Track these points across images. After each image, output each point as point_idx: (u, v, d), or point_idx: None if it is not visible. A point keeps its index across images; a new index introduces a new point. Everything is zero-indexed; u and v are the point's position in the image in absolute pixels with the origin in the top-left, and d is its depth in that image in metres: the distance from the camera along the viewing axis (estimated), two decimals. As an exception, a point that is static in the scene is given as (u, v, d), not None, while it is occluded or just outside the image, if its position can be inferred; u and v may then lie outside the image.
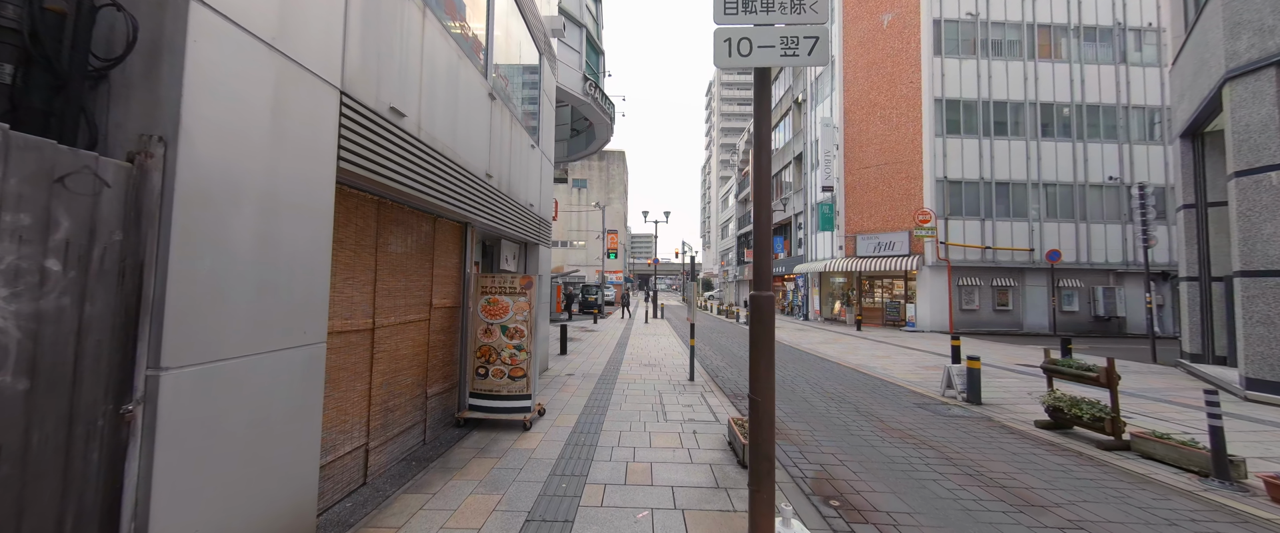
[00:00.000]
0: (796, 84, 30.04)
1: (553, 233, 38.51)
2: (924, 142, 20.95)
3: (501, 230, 6.48)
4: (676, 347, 13.38)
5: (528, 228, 7.52)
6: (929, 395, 7.80)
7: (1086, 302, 21.26)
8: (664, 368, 9.71)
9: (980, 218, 20.96)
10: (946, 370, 7.82)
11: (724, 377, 9.16)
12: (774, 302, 3.07)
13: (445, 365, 5.27)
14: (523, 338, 5.49)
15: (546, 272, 8.99)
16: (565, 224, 47.02)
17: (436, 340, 5.04)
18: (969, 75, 21.35)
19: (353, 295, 3.60)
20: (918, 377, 9.51)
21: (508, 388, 5.42)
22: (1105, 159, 21.55)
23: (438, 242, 5.06)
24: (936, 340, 16.63)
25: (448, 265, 5.32)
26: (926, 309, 20.48)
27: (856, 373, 9.88)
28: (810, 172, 27.20)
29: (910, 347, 14.62)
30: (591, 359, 10.72)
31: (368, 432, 3.80)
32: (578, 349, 12.35)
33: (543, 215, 8.62)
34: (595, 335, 16.01)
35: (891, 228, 21.95)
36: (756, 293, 2.95)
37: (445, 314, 5.25)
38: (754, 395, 2.88)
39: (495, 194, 5.87)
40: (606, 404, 6.57)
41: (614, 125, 17.85)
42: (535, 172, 8.01)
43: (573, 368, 9.42)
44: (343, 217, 3.45)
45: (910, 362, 11.58)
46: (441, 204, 4.44)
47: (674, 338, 15.73)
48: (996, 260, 20.85)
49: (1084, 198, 21.37)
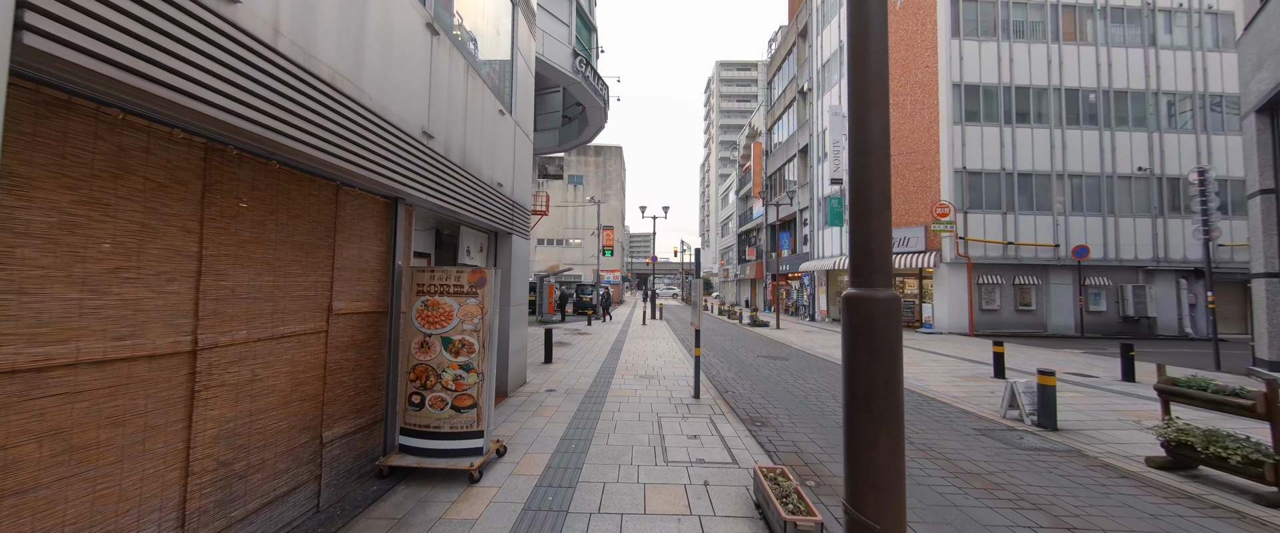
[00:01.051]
0: (801, 73, 28.63)
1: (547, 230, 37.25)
2: (941, 130, 19.54)
3: (457, 213, 5.02)
4: (677, 353, 11.94)
5: (497, 213, 6.07)
6: (987, 418, 6.37)
7: (1114, 301, 19.88)
8: (663, 381, 8.27)
9: (1001, 211, 19.56)
10: (1010, 388, 6.39)
11: (734, 392, 7.72)
12: (899, 307, 1.63)
13: (358, 395, 3.81)
14: (472, 354, 4.03)
15: (523, 268, 7.54)
16: (561, 221, 45.63)
17: (341, 361, 3.58)
18: (989, 59, 19.94)
19: (136, 296, 2.14)
20: (961, 390, 8.08)
21: (451, 422, 3.96)
22: (1134, 149, 20.16)
23: (344, 221, 3.60)
24: (960, 344, 15.22)
25: (364, 256, 3.87)
26: (944, 309, 19.07)
27: (888, 386, 8.44)
28: (816, 165, 25.81)
29: (936, 351, 13.20)
30: (580, 369, 9.27)
31: (182, 517, 2.34)
32: (566, 357, 10.90)
33: (519, 200, 7.17)
34: (587, 339, 14.56)
35: (905, 222, 20.54)
36: (861, 292, 1.52)
37: (359, 324, 3.80)
38: (872, 521, 1.44)
39: (440, 163, 4.41)
40: (589, 436, 5.12)
41: (609, 110, 16.41)
42: (506, 144, 6.56)
43: (556, 381, 7.98)
44: (71, 147, 1.99)
45: (943, 370, 10.16)
46: (341, 164, 2.99)
47: (673, 342, 14.29)
48: (1019, 257, 19.44)
49: (1112, 190, 19.98)
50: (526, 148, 7.71)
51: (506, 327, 6.74)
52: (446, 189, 4.57)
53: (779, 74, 33.69)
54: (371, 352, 3.96)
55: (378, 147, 3.44)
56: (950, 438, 5.48)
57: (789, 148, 30.47)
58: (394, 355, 4.11)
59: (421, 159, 4.09)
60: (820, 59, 25.82)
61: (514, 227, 6.91)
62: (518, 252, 7.21)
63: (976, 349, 13.79)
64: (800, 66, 28.97)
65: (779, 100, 33.26)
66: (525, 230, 7.56)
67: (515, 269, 7.14)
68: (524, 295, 7.55)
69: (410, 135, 3.92)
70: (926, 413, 6.56)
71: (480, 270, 4.12)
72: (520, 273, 7.39)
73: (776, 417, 6.17)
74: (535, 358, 10.41)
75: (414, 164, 3.98)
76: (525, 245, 7.60)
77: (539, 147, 19.36)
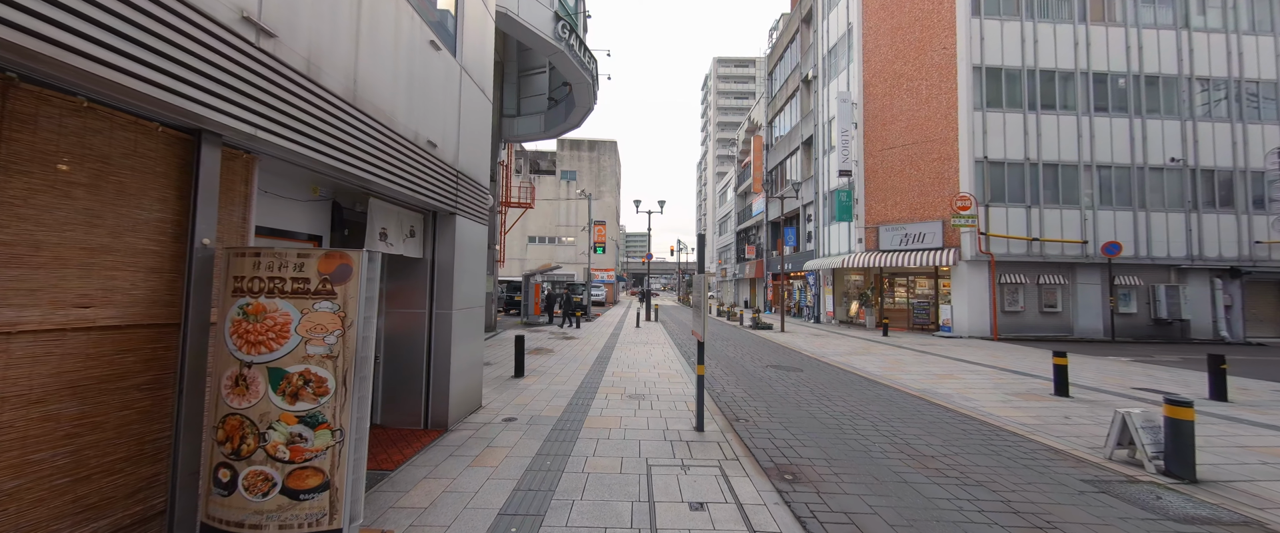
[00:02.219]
0: (805, 61, 27.06)
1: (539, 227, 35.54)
2: (960, 116, 17.98)
3: (347, 174, 3.35)
4: (674, 363, 10.29)
5: (428, 183, 4.40)
6: (1090, 460, 4.76)
7: (1145, 302, 18.40)
8: (657, 403, 6.62)
9: (1025, 205, 18.03)
10: (1121, 419, 4.76)
11: (748, 419, 6.08)
12: None
13: (111, 474, 2.13)
14: (322, 397, 2.36)
15: (478, 260, 5.87)
16: (552, 218, 43.95)
17: (66, 417, 1.90)
18: (1012, 40, 18.41)
19: None
20: (1027, 415, 6.47)
21: (282, 518, 2.29)
22: (1166, 138, 18.69)
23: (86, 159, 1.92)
24: (989, 350, 13.65)
25: (129, 224, 2.19)
26: (964, 311, 17.51)
27: (933, 407, 6.82)
28: (822, 157, 24.25)
29: (965, 359, 11.62)
30: (555, 385, 7.60)
31: None
32: (543, 367, 9.22)
33: (468, 172, 5.49)
34: (572, 346, 12.88)
35: (921, 217, 18.99)
36: None
37: (110, 347, 2.12)
38: None
39: (293, 82, 2.74)
40: (544, 506, 3.46)
41: (598, 88, 14.75)
42: (444, 93, 4.88)
43: (523, 403, 6.31)
44: None
45: (988, 384, 8.55)
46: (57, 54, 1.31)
47: (670, 349, 12.64)
48: (1044, 254, 17.92)
49: (1143, 182, 18.50)
50: (482, 108, 6.03)
51: (447, 340, 5.07)
52: (314, 130, 2.89)
53: (781, 64, 32.12)
54: (140, 395, 2.27)
55: (145, 32, 1.78)
56: (1058, 496, 3.86)
57: (791, 141, 28.91)
58: (191, 399, 2.42)
59: (250, 69, 2.42)
60: (826, 44, 24.24)
61: (459, 205, 5.24)
62: (467, 239, 5.54)
63: (1010, 356, 12.21)
64: (804, 54, 27.40)
65: (780, 91, 31.69)
66: (479, 212, 5.89)
67: (465, 261, 5.47)
68: (478, 295, 5.88)
69: (219, 21, 2.26)
70: (1004, 453, 4.94)
71: (341, 255, 2.44)
72: (473, 267, 5.72)
73: (811, 463, 4.53)
74: (504, 371, 8.73)
75: (235, 74, 2.32)
76: (479, 233, 5.93)
77: (524, 132, 17.70)
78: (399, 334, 5.08)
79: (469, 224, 5.58)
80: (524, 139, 18.15)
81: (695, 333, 5.34)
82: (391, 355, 5.08)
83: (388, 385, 5.06)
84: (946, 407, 6.88)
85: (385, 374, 5.06)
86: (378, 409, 5.06)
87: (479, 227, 5.91)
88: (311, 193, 3.76)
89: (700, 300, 5.13)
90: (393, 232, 4.46)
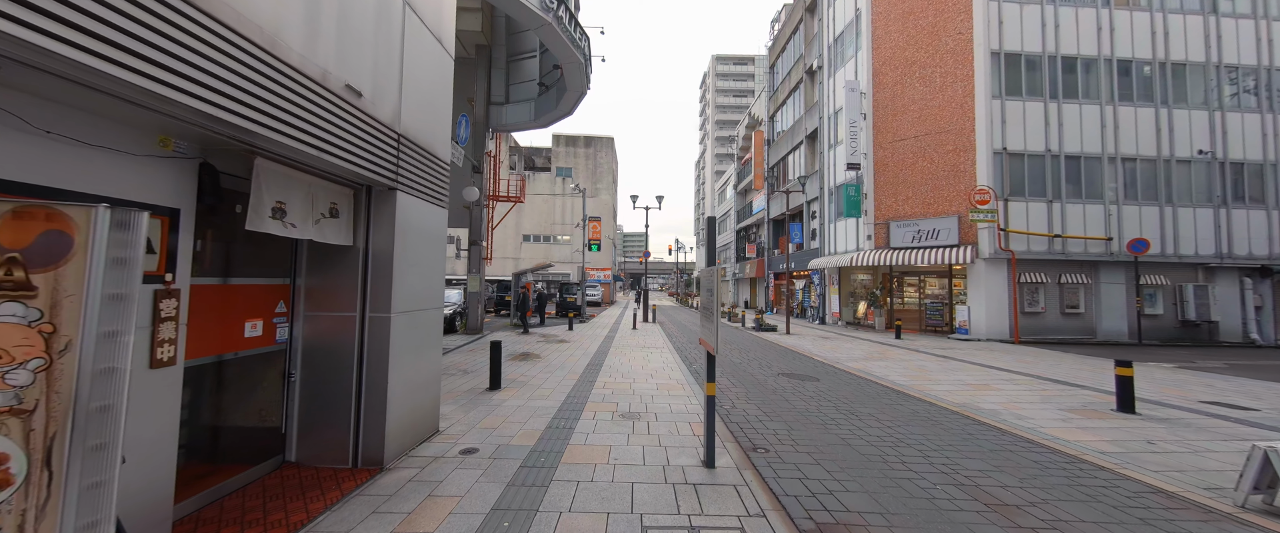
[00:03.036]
0: (810, 51, 25.97)
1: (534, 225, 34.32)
2: (978, 105, 16.91)
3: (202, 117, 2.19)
4: (674, 370, 9.16)
5: (351, 146, 3.26)
6: (1208, 505, 3.65)
7: (1171, 302, 17.36)
8: (656, 424, 5.48)
9: (1046, 199, 16.96)
10: (1263, 455, 3.64)
11: (768, 447, 4.94)
12: None
13: None
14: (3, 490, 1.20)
15: (432, 250, 4.72)
16: (547, 216, 42.83)
17: None
18: (1032, 23, 17.35)
19: None
20: (1101, 440, 5.36)
21: None
22: (1194, 129, 17.66)
23: None
24: (1014, 355, 12.55)
25: None
26: (981, 312, 16.43)
27: (985, 429, 5.71)
28: (827, 151, 23.16)
29: (993, 365, 10.51)
30: (535, 401, 6.45)
31: None
32: (524, 377, 8.07)
33: (414, 135, 4.34)
34: (561, 351, 11.73)
35: (934, 212, 17.90)
36: None
37: None
38: None
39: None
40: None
41: (590, 70, 13.61)
42: (370, 24, 3.72)
43: (491, 425, 5.16)
44: None
45: (1033, 397, 7.45)
46: None
47: (669, 354, 11.51)
48: (1067, 251, 16.86)
49: (1169, 176, 17.45)
50: (437, 61, 4.88)
51: (383, 352, 3.92)
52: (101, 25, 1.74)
53: (783, 56, 31.02)
54: None
55: None
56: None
57: (794, 135, 27.81)
58: None
59: None
60: (832, 32, 23.15)
61: (402, 178, 4.09)
62: (416, 223, 4.38)
63: (1042, 362, 11.11)
64: (808, 44, 26.30)
65: (783, 84, 30.60)
66: (433, 190, 4.73)
67: (413, 251, 4.31)
68: (432, 294, 4.73)
69: None
70: (1103, 498, 3.82)
71: (51, 213, 1.29)
72: (425, 259, 4.56)
73: (864, 520, 3.39)
74: (478, 382, 7.58)
75: None
76: (434, 218, 4.78)
77: (513, 121, 16.55)
78: (320, 344, 3.93)
79: (418, 205, 4.42)
80: (513, 128, 17.00)
81: (704, 342, 4.20)
82: (310, 372, 3.92)
83: (305, 411, 3.91)
84: (1000, 428, 5.76)
85: (301, 396, 3.91)
86: (292, 442, 3.90)
87: (434, 210, 4.75)
88: (159, 145, 2.60)
89: (711, 302, 3.98)
90: (297, 208, 3.30)
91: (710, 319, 3.91)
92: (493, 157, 16.85)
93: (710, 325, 3.92)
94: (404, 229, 4.15)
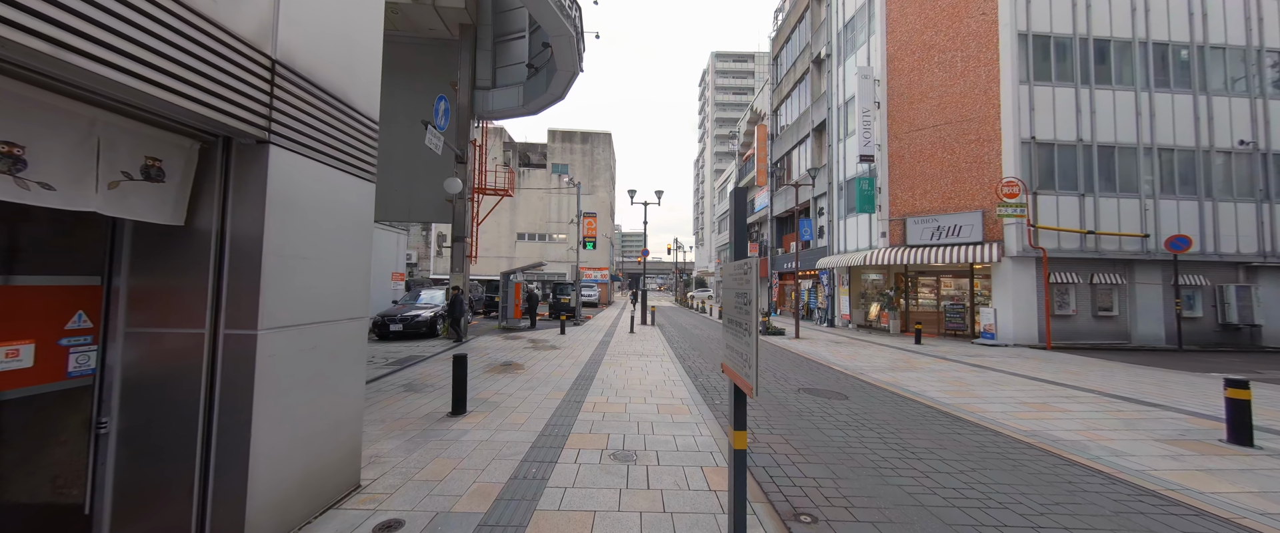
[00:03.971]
0: (817, 39, 24.68)
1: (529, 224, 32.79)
2: (1004, 90, 15.62)
3: None
4: (677, 385, 7.82)
5: (172, 61, 1.88)
6: None
7: (1211, 305, 16.08)
8: (657, 467, 4.15)
9: (1077, 193, 15.68)
10: None
11: (815, 506, 3.62)
12: None
13: None
14: None
15: (342, 242, 3.39)
16: (542, 214, 41.53)
17: None
18: (1061, 2, 16.07)
19: None
20: (1241, 490, 4.04)
21: None
22: (1234, 117, 16.39)
23: None
24: (1054, 363, 11.25)
25: None
26: (1009, 315, 15.14)
27: (1084, 473, 4.39)
28: (836, 144, 21.88)
29: (1040, 378, 9.20)
30: (505, 433, 5.11)
31: None
32: (499, 395, 6.73)
33: (302, 65, 2.99)
34: (549, 359, 10.39)
35: (955, 207, 16.61)
36: None
37: None
38: None
39: None
40: None
41: (583, 44, 12.27)
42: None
43: (429, 480, 3.83)
44: None
45: (1118, 423, 6.14)
46: None
47: (670, 364, 10.18)
48: (1100, 249, 15.58)
49: (1208, 168, 16.19)
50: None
51: (247, 387, 2.58)
52: None
53: (787, 46, 29.72)
54: None
55: None
56: None
57: (800, 128, 26.52)
58: None
59: None
60: (842, 17, 21.85)
61: (276, 127, 2.75)
62: (309, 196, 3.04)
63: (1092, 373, 9.79)
64: (815, 31, 25.00)
65: (787, 76, 29.30)
66: (348, 155, 3.40)
67: (308, 236, 2.99)
68: (350, 301, 3.39)
69: None
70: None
71: None
72: (332, 248, 3.23)
73: None
74: (440, 404, 6.23)
75: None
76: (352, 193, 3.44)
77: (500, 107, 15.20)
78: (150, 376, 2.59)
79: (315, 171, 3.08)
80: (501, 115, 15.66)
81: (730, 372, 2.85)
82: (133, 419, 2.58)
83: (124, 478, 2.57)
84: (1102, 471, 4.44)
85: (119, 455, 2.57)
86: (102, 525, 2.56)
87: (348, 182, 3.41)
88: None
89: (744, 311, 2.63)
90: (59, 157, 1.95)
91: (743, 336, 2.57)
92: (477, 145, 15.51)
93: (743, 344, 2.58)
94: (286, 203, 2.80)
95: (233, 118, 2.46)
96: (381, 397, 6.68)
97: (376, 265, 16.21)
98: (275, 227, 2.73)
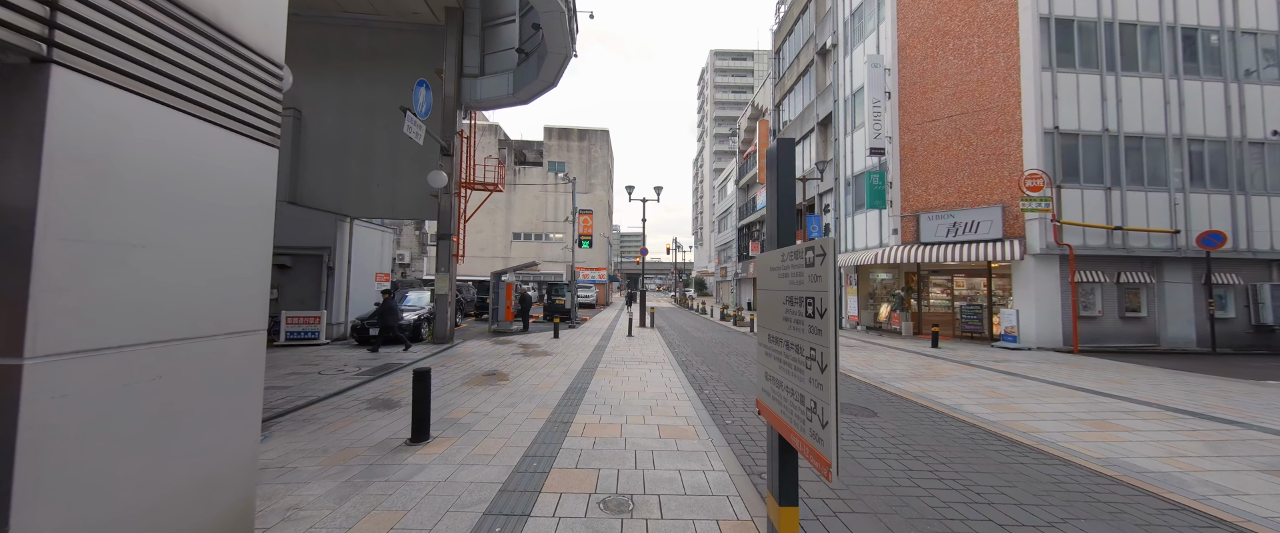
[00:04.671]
0: (822, 30, 23.75)
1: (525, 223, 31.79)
2: (1025, 77, 14.69)
3: None
4: (680, 398, 6.85)
5: None
6: None
7: (1243, 304, 15.17)
8: (659, 521, 3.18)
9: (1103, 186, 14.75)
10: None
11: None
12: None
13: None
14: None
15: (201, 217, 2.41)
16: (539, 213, 40.60)
17: None
18: (1085, -15, 15.15)
19: None
20: None
21: None
22: (1267, 107, 15.48)
23: None
24: (1090, 369, 10.30)
25: None
26: (1031, 317, 14.20)
27: (1204, 522, 3.44)
28: (843, 137, 20.97)
29: (1082, 387, 8.25)
30: (469, 469, 4.14)
31: None
32: (474, 413, 5.75)
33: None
34: (537, 369, 9.41)
35: (973, 202, 15.67)
36: None
37: None
38: None
39: None
40: None
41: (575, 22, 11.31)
42: None
43: (376, 529, 2.87)
44: None
45: (1202, 446, 5.19)
46: None
47: (671, 373, 9.21)
48: (1128, 246, 14.65)
49: (1241, 160, 15.27)
50: None
51: (7, 439, 1.59)
52: None
53: (790, 38, 28.79)
54: None
55: None
56: None
57: (804, 122, 25.58)
58: None
59: None
60: (850, 5, 20.92)
61: (60, 37, 1.76)
62: (140, 148, 2.07)
63: (1137, 380, 8.83)
64: (820, 21, 24.07)
65: (790, 69, 28.37)
66: (226, 105, 2.42)
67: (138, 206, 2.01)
68: (233, 308, 2.43)
69: None
70: None
71: None
72: (202, 234, 2.26)
73: None
74: (401, 427, 5.26)
75: None
76: (242, 158, 2.48)
77: (489, 96, 14.21)
78: None
79: (158, 114, 2.10)
80: (490, 105, 14.68)
81: (770, 413, 1.88)
82: None
83: None
84: (1228, 521, 3.48)
85: None
86: None
87: (226, 140, 2.44)
88: None
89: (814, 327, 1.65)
90: None
91: (804, 368, 1.60)
92: (464, 136, 14.53)
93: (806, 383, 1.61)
94: (88, 160, 1.83)
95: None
96: (336, 416, 5.71)
97: (360, 265, 15.22)
98: (65, 195, 1.75)
